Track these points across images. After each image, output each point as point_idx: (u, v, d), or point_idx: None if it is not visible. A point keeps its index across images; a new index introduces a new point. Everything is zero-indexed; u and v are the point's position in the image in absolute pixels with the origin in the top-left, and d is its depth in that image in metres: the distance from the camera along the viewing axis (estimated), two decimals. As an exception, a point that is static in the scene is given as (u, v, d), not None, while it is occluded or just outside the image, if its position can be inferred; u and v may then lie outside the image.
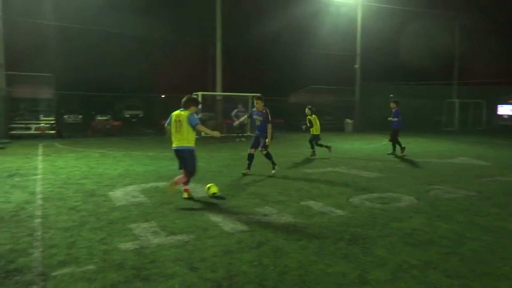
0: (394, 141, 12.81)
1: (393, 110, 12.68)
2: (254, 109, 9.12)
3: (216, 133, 7.38)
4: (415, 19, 28.83)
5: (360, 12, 26.45)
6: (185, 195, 6.64)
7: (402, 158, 12.11)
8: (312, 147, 12.59)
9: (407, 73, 30.92)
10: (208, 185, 6.92)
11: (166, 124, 6.88)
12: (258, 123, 8.96)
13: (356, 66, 27.06)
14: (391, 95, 26.19)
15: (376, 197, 6.89)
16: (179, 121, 6.54)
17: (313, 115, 12.49)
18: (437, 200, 6.68)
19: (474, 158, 12.37)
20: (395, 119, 12.55)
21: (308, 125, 12.61)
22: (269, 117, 8.80)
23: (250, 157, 9.07)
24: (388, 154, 12.76)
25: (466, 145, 16.89)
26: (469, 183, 8.27)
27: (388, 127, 13.08)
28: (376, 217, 5.59)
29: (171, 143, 6.69)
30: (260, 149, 8.93)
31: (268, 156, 8.98)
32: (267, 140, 8.80)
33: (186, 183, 6.68)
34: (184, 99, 6.68)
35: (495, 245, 4.54)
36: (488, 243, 4.60)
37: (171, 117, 6.69)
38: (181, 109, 6.64)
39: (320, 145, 12.54)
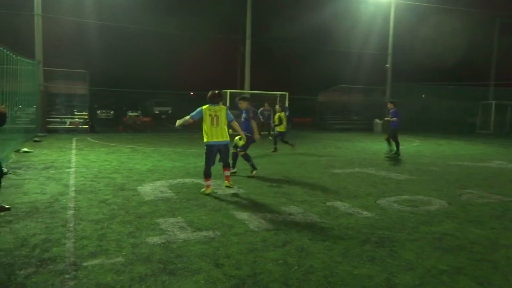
0: (396, 141, 12.77)
1: (391, 111, 12.71)
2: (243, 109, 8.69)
3: (243, 136, 7.59)
4: (450, 16, 27.90)
5: (393, 10, 25.89)
6: (208, 190, 6.70)
7: (402, 159, 11.79)
8: (275, 144, 13.11)
9: (440, 73, 29.95)
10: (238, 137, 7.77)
11: (190, 117, 6.73)
12: (241, 119, 8.52)
13: (387, 65, 26.52)
14: (423, 96, 25.50)
15: (405, 199, 6.74)
16: (216, 115, 6.63)
17: (282, 113, 13.04)
18: (469, 205, 6.46)
19: (510, 162, 11.89)
20: (394, 118, 12.53)
21: (277, 122, 13.02)
22: (251, 113, 8.44)
23: (233, 156, 8.63)
24: (391, 154, 12.53)
25: (502, 149, 16.23)
26: (504, 188, 7.95)
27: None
28: (405, 220, 5.47)
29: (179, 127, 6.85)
30: (238, 150, 8.50)
31: (246, 157, 8.53)
32: (255, 136, 8.46)
33: (208, 179, 6.77)
34: (210, 94, 6.72)
35: (531, 253, 4.35)
36: (523, 251, 4.41)
37: (203, 111, 6.65)
38: (210, 104, 6.69)
39: (286, 142, 13.10)
